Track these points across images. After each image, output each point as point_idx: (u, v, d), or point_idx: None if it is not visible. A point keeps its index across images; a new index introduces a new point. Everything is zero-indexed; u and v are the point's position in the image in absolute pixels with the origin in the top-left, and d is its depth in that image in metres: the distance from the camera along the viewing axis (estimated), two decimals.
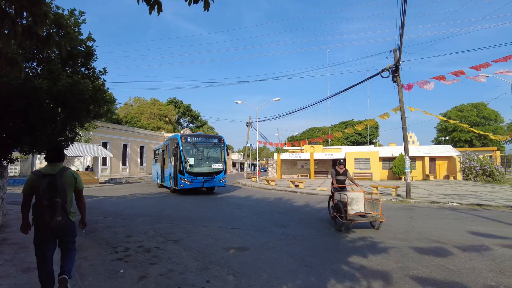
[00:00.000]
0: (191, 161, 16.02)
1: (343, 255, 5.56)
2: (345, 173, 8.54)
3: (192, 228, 7.90)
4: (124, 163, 34.73)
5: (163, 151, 20.52)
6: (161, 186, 21.10)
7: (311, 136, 62.32)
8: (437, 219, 9.21)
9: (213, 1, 2.98)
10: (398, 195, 14.92)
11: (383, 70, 14.67)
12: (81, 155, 23.89)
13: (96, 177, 24.52)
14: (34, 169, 20.13)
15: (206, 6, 2.94)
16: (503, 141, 47.92)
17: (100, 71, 8.54)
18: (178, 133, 20.76)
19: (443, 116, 55.24)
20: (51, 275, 3.48)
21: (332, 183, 8.57)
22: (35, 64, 7.29)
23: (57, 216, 3.31)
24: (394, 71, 14.27)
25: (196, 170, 16.01)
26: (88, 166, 26.43)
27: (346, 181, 8.64)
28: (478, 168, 26.69)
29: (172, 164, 16.83)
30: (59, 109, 7.57)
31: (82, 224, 3.72)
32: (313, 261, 5.18)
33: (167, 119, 51.94)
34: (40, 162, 26.86)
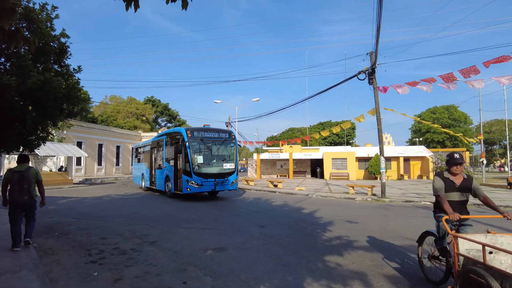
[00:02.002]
0: (200, 159, 13.58)
1: (320, 254, 5.65)
2: (468, 184, 4.04)
3: (169, 229, 7.79)
4: (99, 163, 33.74)
5: (152, 148, 18.05)
6: (149, 189, 18.58)
7: (290, 136, 62.90)
8: (411, 218, 9.53)
9: (191, 0, 2.96)
10: (374, 195, 15.31)
11: (359, 73, 15.03)
12: (54, 154, 22.96)
13: (70, 178, 23.67)
14: (2, 169, 24.30)
15: (184, 5, 2.91)
16: (473, 143, 50.28)
17: (74, 69, 8.24)
18: (181, 127, 18.29)
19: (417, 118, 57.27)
20: (20, 234, 5.44)
21: (437, 207, 4.21)
22: (2, 59, 6.96)
23: (24, 196, 5.43)
24: (370, 74, 14.66)
25: (207, 170, 13.64)
26: (62, 166, 25.44)
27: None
28: None
29: (173, 164, 14.63)
30: (30, 107, 7.25)
31: (42, 203, 5.77)
32: (290, 261, 5.23)
33: (144, 118, 50.84)
34: (9, 162, 25.67)
